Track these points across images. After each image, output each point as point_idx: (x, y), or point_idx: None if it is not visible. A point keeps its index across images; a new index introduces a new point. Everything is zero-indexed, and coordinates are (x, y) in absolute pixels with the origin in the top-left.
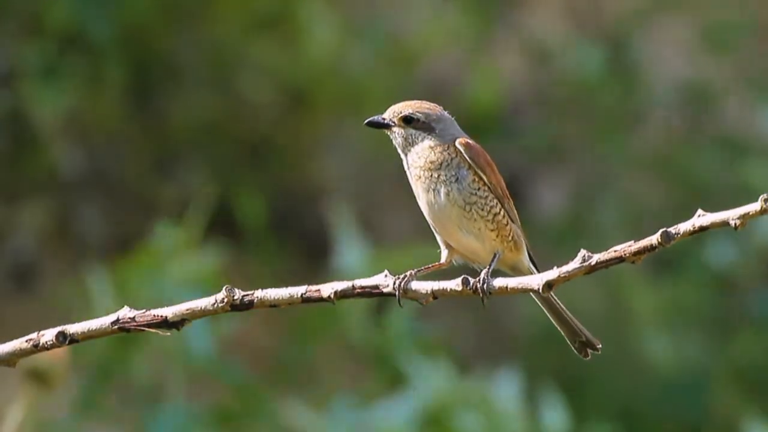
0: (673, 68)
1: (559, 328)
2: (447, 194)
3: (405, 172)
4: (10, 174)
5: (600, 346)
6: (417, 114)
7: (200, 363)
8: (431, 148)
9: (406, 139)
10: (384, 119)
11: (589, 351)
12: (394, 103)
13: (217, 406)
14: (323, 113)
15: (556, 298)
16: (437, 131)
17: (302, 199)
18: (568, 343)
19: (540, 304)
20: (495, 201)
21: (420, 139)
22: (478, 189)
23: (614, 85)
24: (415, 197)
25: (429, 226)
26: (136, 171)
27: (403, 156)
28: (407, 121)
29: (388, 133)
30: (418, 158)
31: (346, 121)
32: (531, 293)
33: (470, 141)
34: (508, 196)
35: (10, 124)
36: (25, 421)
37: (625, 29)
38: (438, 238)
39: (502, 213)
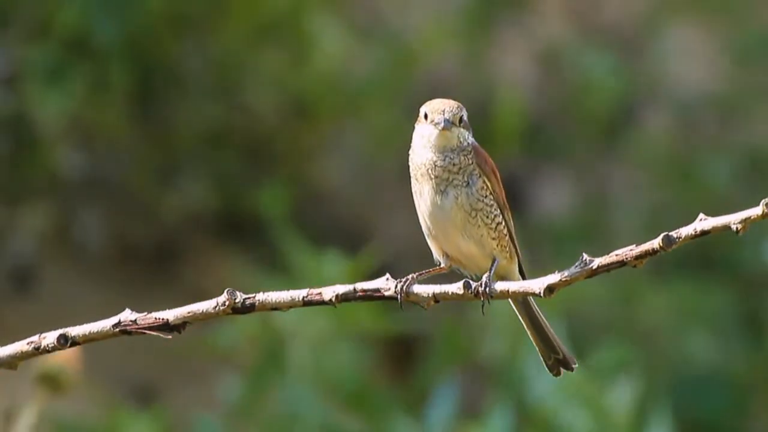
0: (686, 72)
1: (534, 343)
2: (455, 198)
3: (404, 172)
4: (11, 177)
5: (576, 365)
6: (465, 112)
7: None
8: (461, 149)
9: (458, 137)
10: (450, 120)
11: (562, 370)
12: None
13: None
14: (325, 118)
15: (539, 311)
16: (471, 130)
17: (303, 202)
18: (541, 358)
19: (520, 317)
20: (498, 210)
21: (465, 136)
22: (485, 196)
23: (619, 87)
24: (412, 201)
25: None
26: (138, 177)
27: (424, 151)
28: (460, 120)
29: (435, 131)
30: (443, 158)
31: (347, 124)
32: (512, 303)
33: (477, 145)
34: (507, 207)
35: (13, 126)
36: (36, 424)
37: (634, 31)
38: (433, 248)
39: (503, 223)
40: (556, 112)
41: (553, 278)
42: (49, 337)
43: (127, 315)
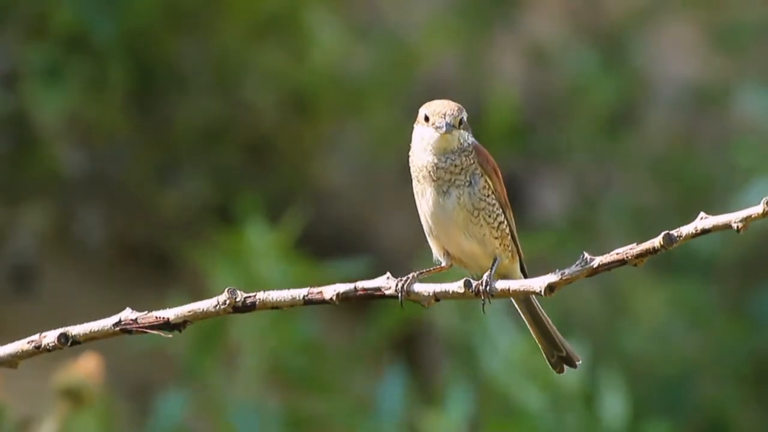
0: (677, 68)
1: (537, 341)
2: (458, 197)
3: (404, 172)
4: (11, 176)
5: (580, 362)
6: (465, 114)
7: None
8: (462, 150)
9: (458, 139)
10: (452, 123)
11: (566, 367)
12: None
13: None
14: (325, 117)
15: (541, 308)
16: (470, 130)
17: (303, 202)
18: (544, 356)
19: (522, 315)
20: (500, 209)
21: (465, 138)
22: (488, 196)
23: (612, 86)
24: (413, 201)
25: (425, 233)
26: (138, 175)
27: (424, 154)
28: (461, 122)
29: (436, 134)
30: (444, 160)
31: (347, 123)
32: (514, 302)
33: (478, 144)
34: (509, 205)
35: (13, 126)
36: None
37: (626, 29)
38: (434, 248)
39: (505, 222)
40: (552, 111)
41: (554, 277)
42: (50, 336)
43: (127, 314)
